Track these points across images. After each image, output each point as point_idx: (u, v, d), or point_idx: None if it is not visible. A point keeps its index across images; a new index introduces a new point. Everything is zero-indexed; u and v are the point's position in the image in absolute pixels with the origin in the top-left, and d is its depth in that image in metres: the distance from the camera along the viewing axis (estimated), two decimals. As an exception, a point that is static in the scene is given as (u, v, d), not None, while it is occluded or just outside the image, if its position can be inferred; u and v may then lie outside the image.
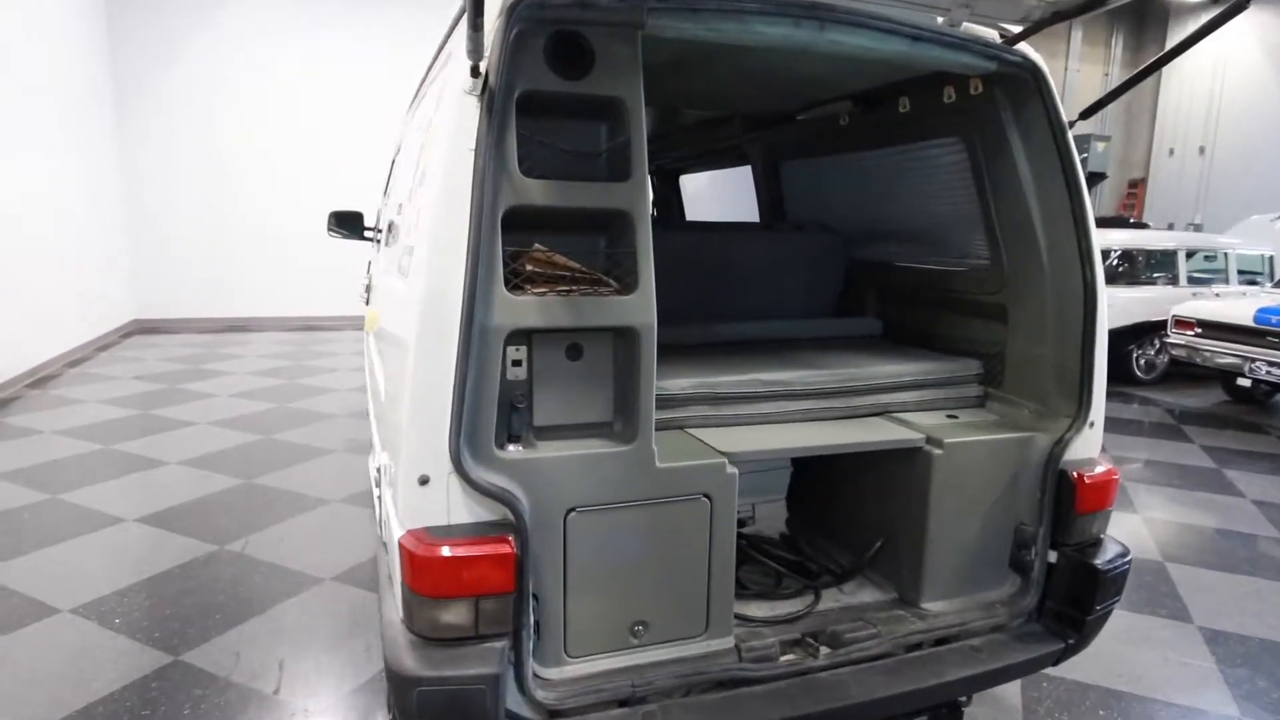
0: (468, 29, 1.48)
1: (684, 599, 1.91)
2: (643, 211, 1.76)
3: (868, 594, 2.30)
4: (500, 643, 1.63)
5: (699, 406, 2.16)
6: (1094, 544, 2.22)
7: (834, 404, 2.30)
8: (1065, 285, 2.21)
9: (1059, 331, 2.24)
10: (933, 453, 2.13)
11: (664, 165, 4.83)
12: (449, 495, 1.64)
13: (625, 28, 1.74)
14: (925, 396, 2.42)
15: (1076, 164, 2.14)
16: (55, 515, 4.11)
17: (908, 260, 2.91)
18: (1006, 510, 2.22)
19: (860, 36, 1.92)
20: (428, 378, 1.59)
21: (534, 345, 1.76)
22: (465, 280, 1.57)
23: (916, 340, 2.85)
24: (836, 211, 3.29)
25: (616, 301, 1.74)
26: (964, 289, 2.61)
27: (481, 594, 1.60)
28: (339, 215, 4.42)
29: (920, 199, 2.78)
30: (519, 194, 1.67)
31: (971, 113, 2.36)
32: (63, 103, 8.24)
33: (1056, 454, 2.15)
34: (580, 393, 1.81)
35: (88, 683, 2.69)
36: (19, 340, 7.04)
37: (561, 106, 1.75)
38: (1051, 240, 2.23)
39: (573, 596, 1.80)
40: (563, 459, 1.75)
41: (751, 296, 3.03)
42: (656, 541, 1.86)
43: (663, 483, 1.83)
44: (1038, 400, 2.32)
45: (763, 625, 2.10)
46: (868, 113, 2.78)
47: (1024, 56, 2.10)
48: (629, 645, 1.88)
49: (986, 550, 2.24)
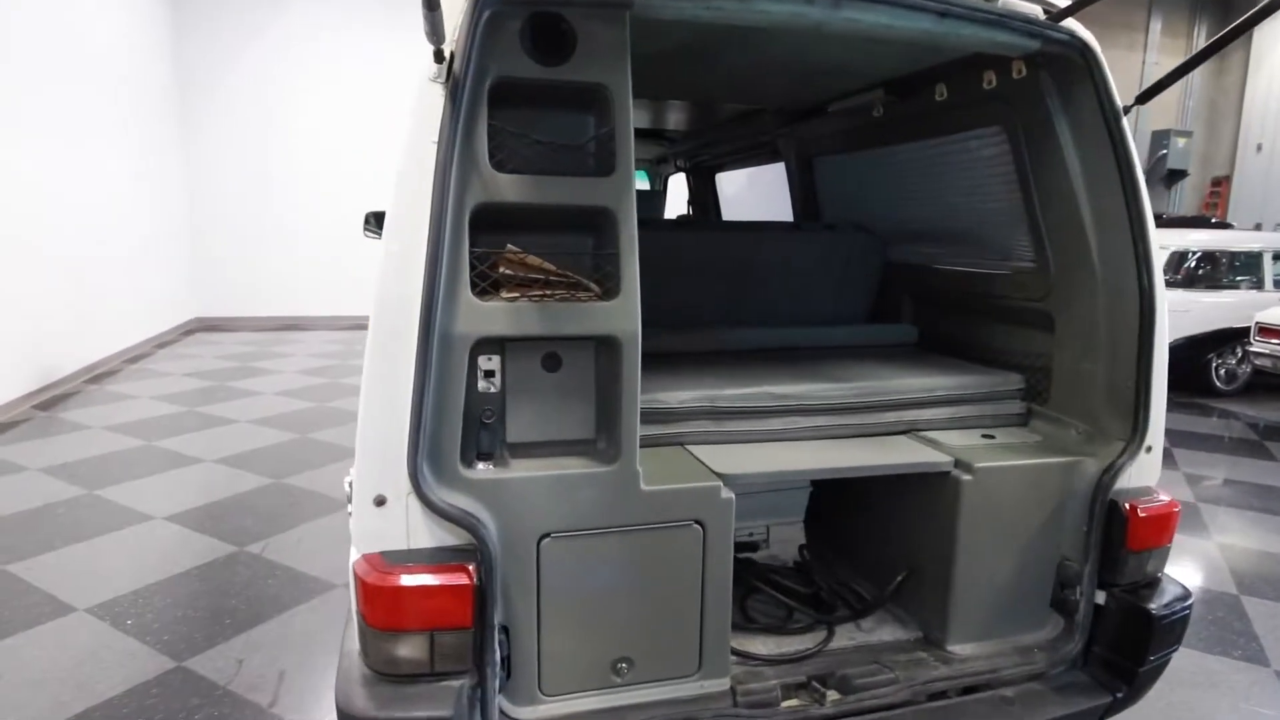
0: (423, 9, 1.35)
1: (673, 635, 1.74)
2: (627, 209, 1.59)
3: (888, 632, 2.08)
4: (459, 681, 1.49)
5: (700, 421, 1.98)
6: (1149, 584, 1.96)
7: (852, 420, 2.10)
8: (1118, 292, 1.96)
9: (1111, 343, 1.99)
10: (961, 478, 1.91)
11: (700, 163, 4.65)
12: (408, 517, 1.51)
13: (611, 8, 1.58)
14: (959, 413, 2.19)
15: (1132, 155, 1.89)
16: (89, 511, 4.17)
17: (946, 262, 2.68)
18: (1048, 544, 1.99)
19: (879, 13, 1.72)
20: (383, 389, 1.47)
21: (507, 355, 1.62)
22: (424, 283, 1.43)
23: (955, 349, 2.61)
24: (872, 210, 3.06)
25: (596, 308, 1.59)
26: (1007, 294, 2.37)
27: (437, 628, 1.46)
28: (375, 215, 4.39)
29: (960, 196, 2.54)
30: (489, 190, 1.53)
31: (1014, 99, 2.13)
32: (132, 103, 8.52)
33: (1106, 482, 1.90)
34: (558, 407, 1.66)
35: (91, 686, 2.66)
36: (83, 336, 7.28)
37: (540, 95, 1.60)
38: (1103, 241, 1.99)
39: (547, 630, 1.65)
40: (535, 479, 1.60)
41: (778, 301, 2.83)
42: (642, 571, 1.69)
43: (649, 507, 1.67)
44: (1087, 420, 2.07)
45: (766, 665, 1.91)
46: (902, 102, 2.56)
47: (1071, 34, 1.86)
48: (611, 684, 1.72)
49: (1024, 588, 2.00)
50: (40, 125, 6.56)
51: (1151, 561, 1.95)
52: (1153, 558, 1.95)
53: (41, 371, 6.53)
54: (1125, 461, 1.91)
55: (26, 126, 6.34)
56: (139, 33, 8.85)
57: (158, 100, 9.40)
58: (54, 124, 6.80)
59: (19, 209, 6.22)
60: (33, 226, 6.41)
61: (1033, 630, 2.02)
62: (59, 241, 6.83)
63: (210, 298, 10.67)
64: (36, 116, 6.50)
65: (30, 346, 6.37)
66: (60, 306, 6.83)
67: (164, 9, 9.67)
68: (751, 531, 2.35)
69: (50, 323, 6.67)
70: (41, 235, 6.55)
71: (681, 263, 2.71)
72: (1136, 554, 1.90)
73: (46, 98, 6.66)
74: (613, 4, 1.58)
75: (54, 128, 6.80)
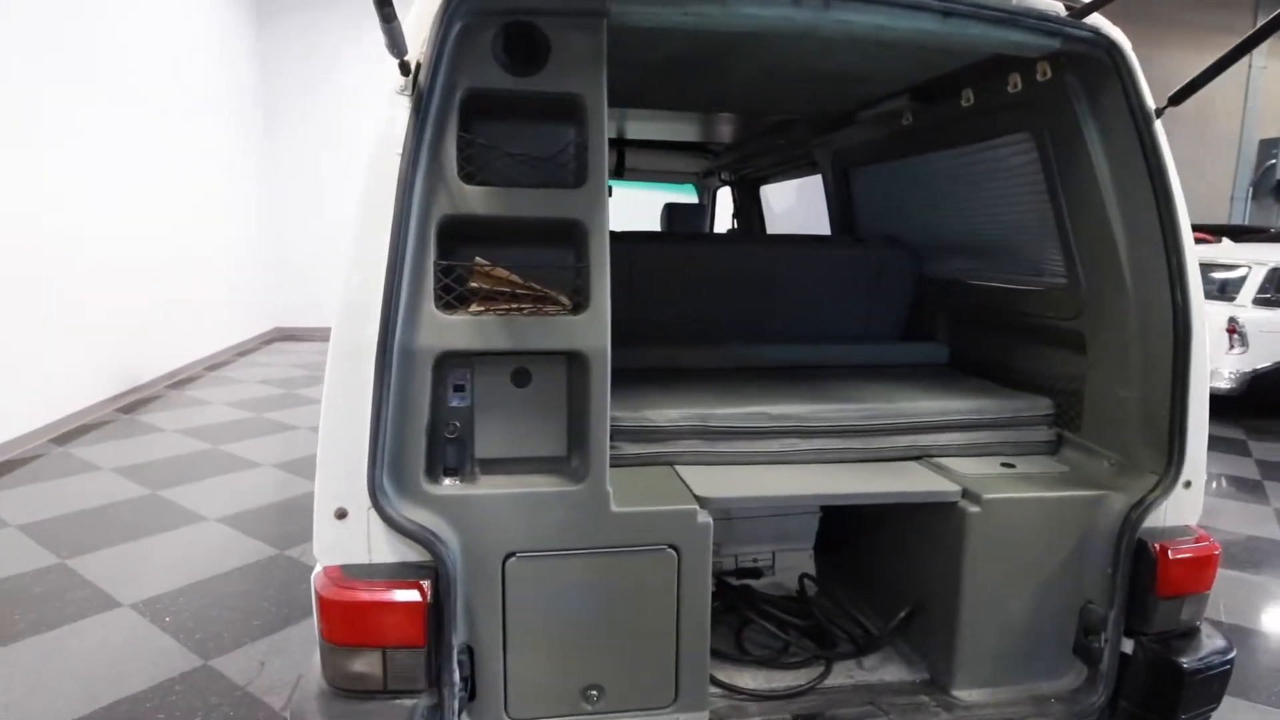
0: (380, 22, 1.34)
1: (647, 664, 1.67)
2: (598, 221, 1.55)
3: (892, 672, 1.95)
4: (413, 700, 1.46)
5: (691, 441, 1.91)
6: (1185, 634, 1.77)
7: (859, 444, 1.98)
8: (1152, 310, 1.79)
9: (1145, 367, 1.82)
10: (968, 509, 1.78)
11: (743, 175, 4.58)
12: (369, 531, 1.50)
13: (587, 16, 1.55)
14: (976, 439, 2.04)
15: (1165, 161, 1.73)
16: (149, 510, 4.38)
17: (980, 278, 2.52)
18: (1069, 585, 1.82)
19: (874, 14, 1.63)
20: (344, 401, 1.46)
21: (476, 369, 1.59)
22: (382, 296, 1.43)
23: (987, 370, 2.45)
24: (907, 222, 2.93)
25: (564, 322, 1.55)
26: (1038, 312, 2.21)
27: (390, 645, 1.44)
28: None
29: (990, 207, 2.39)
30: (457, 203, 1.51)
31: (1040, 104, 1.99)
32: (217, 115, 9.01)
33: (1134, 520, 1.73)
34: (528, 423, 1.62)
35: (122, 680, 2.77)
36: (168, 343, 7.72)
37: (512, 105, 1.58)
38: (1135, 255, 1.82)
39: (514, 652, 1.61)
40: (500, 497, 1.56)
41: (803, 317, 2.73)
42: (613, 596, 1.63)
43: (620, 529, 1.61)
44: (1120, 451, 1.90)
45: (751, 699, 1.81)
46: (930, 109, 2.43)
47: (1096, 31, 1.72)
48: (581, 711, 1.66)
49: (1042, 632, 1.84)
50: (129, 139, 6.99)
51: (1186, 609, 1.76)
52: (1187, 605, 1.76)
53: (127, 376, 6.94)
54: (1157, 497, 1.74)
55: (117, 140, 6.77)
56: (223, 44, 9.34)
57: (241, 111, 9.91)
58: (142, 138, 7.24)
59: (111, 222, 6.66)
60: (123, 238, 6.84)
61: (1052, 678, 1.85)
62: (147, 252, 7.27)
63: (289, 307, 11.15)
64: (126, 130, 6.93)
65: (118, 352, 6.79)
66: (147, 315, 7.26)
67: (249, 23, 10.19)
68: (756, 557, 2.25)
69: (137, 330, 7.08)
70: (131, 247, 6.98)
71: (701, 276, 2.65)
72: (1167, 600, 1.72)
73: (135, 111, 7.09)
74: (588, 12, 1.54)
75: (142, 141, 7.24)
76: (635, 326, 2.62)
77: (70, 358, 6.02)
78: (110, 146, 6.63)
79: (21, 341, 5.38)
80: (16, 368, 5.34)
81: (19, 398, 5.38)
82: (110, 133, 6.62)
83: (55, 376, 5.85)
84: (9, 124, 5.27)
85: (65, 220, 5.95)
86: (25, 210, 5.45)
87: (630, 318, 2.60)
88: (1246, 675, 2.85)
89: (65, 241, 5.94)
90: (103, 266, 6.47)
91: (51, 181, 5.80)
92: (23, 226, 5.42)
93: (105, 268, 6.51)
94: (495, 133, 1.59)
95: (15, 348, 5.32)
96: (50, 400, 5.78)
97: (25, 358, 5.44)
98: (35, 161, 5.58)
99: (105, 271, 6.51)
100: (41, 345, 5.62)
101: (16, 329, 5.33)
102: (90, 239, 6.29)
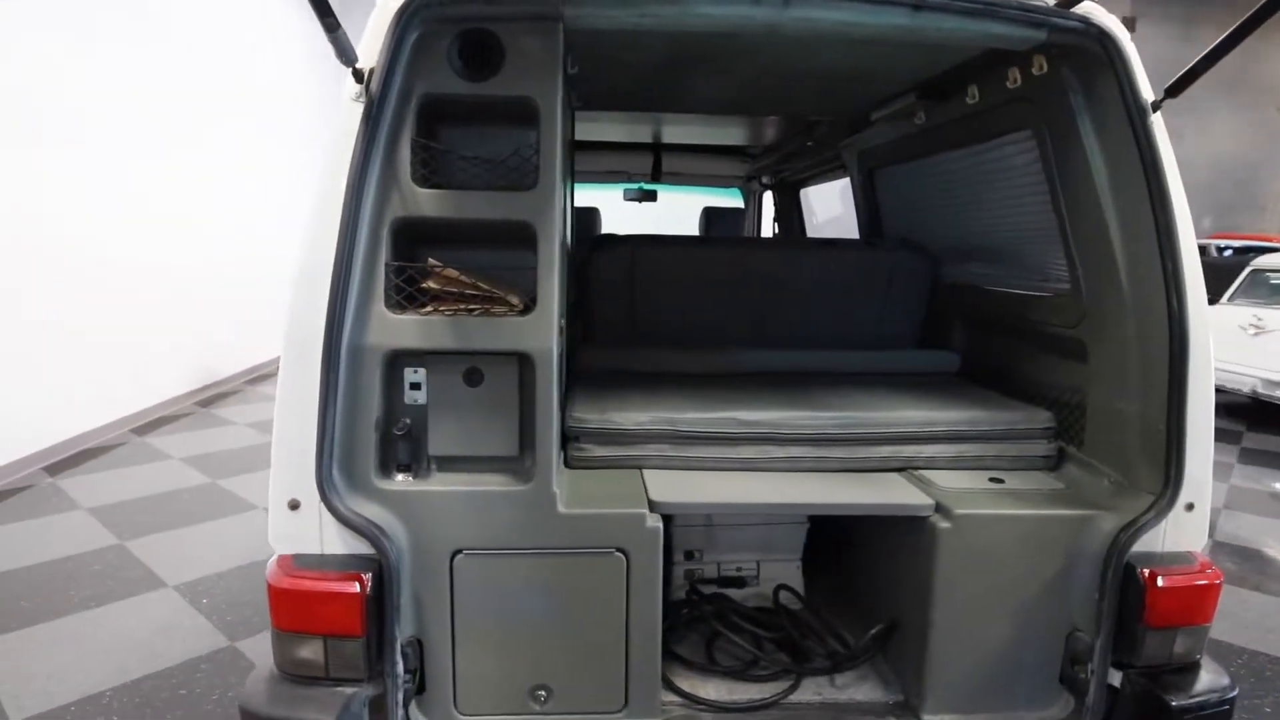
0: (325, 31, 1.39)
1: (596, 667, 1.66)
2: (548, 223, 1.56)
3: (865, 691, 1.87)
4: (353, 689, 1.50)
5: (659, 445, 1.89)
6: (1181, 669, 1.64)
7: (839, 453, 1.92)
8: (1149, 318, 1.67)
9: (1143, 379, 1.70)
10: (939, 525, 1.69)
11: (783, 178, 4.50)
12: (321, 523, 1.55)
13: (541, 21, 1.56)
14: (967, 452, 1.94)
15: (1161, 158, 1.61)
16: (208, 498, 4.64)
17: (991, 283, 2.41)
18: (1055, 610, 1.71)
19: (838, 10, 1.58)
20: (296, 396, 1.51)
21: (430, 368, 1.62)
22: (328, 296, 1.47)
23: (998, 380, 2.34)
24: (926, 225, 2.82)
25: (511, 323, 1.56)
26: (1044, 319, 2.09)
27: (331, 634, 1.49)
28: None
29: (998, 209, 2.28)
30: (409, 206, 1.55)
31: (1039, 99, 1.88)
32: (288, 126, 9.39)
33: (1122, 543, 1.61)
34: (480, 422, 1.64)
35: (153, 657, 2.94)
36: (246, 341, 8.16)
37: (467, 109, 1.61)
38: (1131, 258, 1.70)
39: (462, 648, 1.63)
40: (448, 494, 1.59)
41: (812, 321, 2.67)
42: (561, 597, 1.63)
43: (568, 531, 1.61)
44: (1120, 468, 1.78)
45: (709, 710, 1.78)
46: (939, 107, 2.34)
47: (1085, 20, 1.62)
48: (529, 710, 1.67)
49: (1023, 658, 1.73)
50: (216, 149, 7.43)
51: (1182, 642, 1.63)
52: (1182, 638, 1.62)
53: (206, 371, 7.38)
54: (1150, 519, 1.61)
55: (205, 151, 7.20)
56: (306, 50, 9.77)
57: (313, 121, 10.33)
58: (228, 148, 7.69)
59: (202, 224, 7.09)
60: (209, 240, 7.28)
61: (1035, 708, 1.74)
62: (229, 254, 7.70)
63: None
64: (215, 142, 7.38)
65: (201, 348, 7.22)
66: (228, 313, 7.69)
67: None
68: (739, 566, 2.21)
69: (219, 327, 7.51)
70: (215, 249, 7.41)
71: (703, 280, 2.62)
72: (1157, 631, 1.60)
73: (225, 125, 7.55)
74: (543, 16, 1.56)
75: (228, 152, 7.69)
76: (638, 330, 2.62)
77: (157, 353, 6.46)
78: (195, 161, 7.06)
79: (113, 338, 5.81)
80: (109, 362, 5.77)
81: (109, 390, 5.82)
82: (194, 146, 7.05)
83: (143, 371, 6.29)
84: (146, 141, 5.69)
85: (157, 232, 6.40)
86: (127, 226, 5.91)
87: (632, 321, 2.60)
88: None
89: (156, 248, 6.39)
90: (188, 269, 6.91)
91: (156, 199, 6.26)
92: (123, 238, 5.90)
93: (190, 270, 6.94)
94: (452, 137, 1.62)
95: (109, 343, 5.75)
96: (136, 393, 6.21)
97: (117, 351, 5.87)
98: (147, 175, 6.03)
99: (191, 273, 6.94)
100: (131, 341, 6.06)
101: (109, 327, 5.76)
102: (176, 247, 6.72)
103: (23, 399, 4.92)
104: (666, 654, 1.97)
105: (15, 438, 4.86)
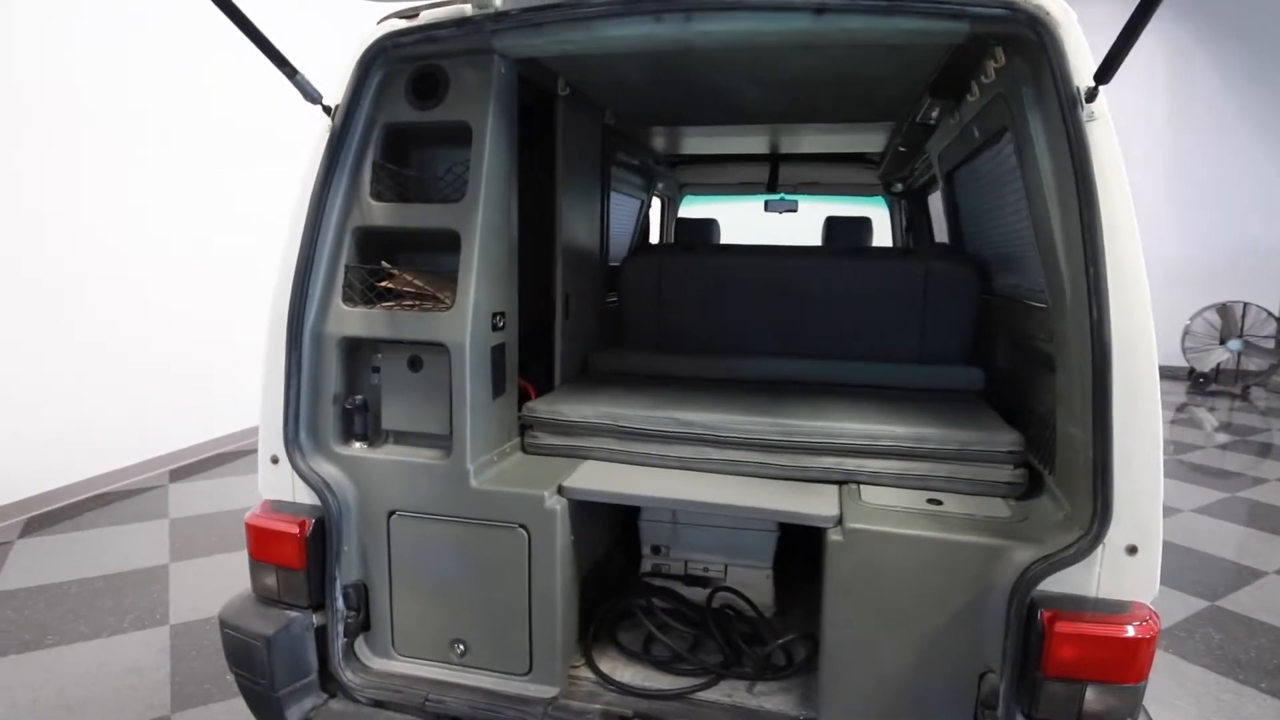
0: (286, 78, 1.73)
1: (503, 632, 1.84)
2: (470, 230, 1.78)
3: (778, 702, 1.83)
4: (296, 613, 1.81)
5: (605, 439, 2.02)
6: None
7: (779, 460, 1.91)
8: (1081, 332, 1.49)
9: (1083, 400, 1.52)
10: (831, 538, 1.64)
11: (909, 185, 4.26)
12: (294, 475, 1.90)
13: (477, 54, 1.79)
14: (912, 470, 1.84)
15: (1088, 151, 1.44)
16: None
17: (1013, 295, 2.20)
18: (965, 646, 1.58)
19: (741, 20, 1.63)
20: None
21: (385, 355, 1.91)
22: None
23: (1014, 399, 2.14)
24: (975, 235, 2.61)
25: (434, 318, 1.80)
26: (1033, 333, 1.90)
27: (279, 565, 1.82)
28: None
29: (1006, 215, 2.10)
30: (366, 217, 1.85)
31: (1007, 94, 1.75)
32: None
33: (1029, 578, 1.45)
34: (419, 403, 1.90)
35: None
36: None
37: (418, 134, 1.88)
38: (1072, 265, 1.53)
39: (398, 596, 1.89)
40: (387, 462, 1.86)
41: (841, 332, 2.61)
42: (474, 563, 1.83)
43: (479, 504, 1.81)
44: (1073, 500, 1.59)
45: (615, 691, 1.86)
46: (956, 106, 2.20)
47: (1008, 4, 1.50)
48: (450, 660, 1.88)
49: (931, 694, 1.62)
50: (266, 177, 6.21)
51: (1096, 700, 1.42)
52: (1097, 695, 1.42)
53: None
54: (1069, 557, 1.43)
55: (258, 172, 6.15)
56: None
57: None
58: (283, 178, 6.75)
59: (258, 263, 6.14)
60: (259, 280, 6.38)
61: (943, 748, 1.61)
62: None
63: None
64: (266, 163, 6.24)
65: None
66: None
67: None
68: (707, 567, 2.23)
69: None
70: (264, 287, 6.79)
71: (731, 288, 2.68)
72: (1054, 683, 1.42)
73: (274, 149, 6.20)
74: (479, 50, 1.79)
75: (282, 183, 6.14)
76: (663, 336, 2.74)
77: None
78: (245, 188, 6.10)
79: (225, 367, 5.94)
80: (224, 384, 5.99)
81: (228, 407, 6.04)
82: (246, 162, 6.09)
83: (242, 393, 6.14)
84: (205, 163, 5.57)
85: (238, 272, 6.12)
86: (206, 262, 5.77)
87: (658, 327, 2.74)
88: None
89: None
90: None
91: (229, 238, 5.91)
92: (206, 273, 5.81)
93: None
94: (411, 157, 1.90)
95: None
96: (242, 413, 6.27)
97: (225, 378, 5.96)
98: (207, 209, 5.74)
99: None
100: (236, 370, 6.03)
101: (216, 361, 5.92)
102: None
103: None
104: (605, 636, 2.08)
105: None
